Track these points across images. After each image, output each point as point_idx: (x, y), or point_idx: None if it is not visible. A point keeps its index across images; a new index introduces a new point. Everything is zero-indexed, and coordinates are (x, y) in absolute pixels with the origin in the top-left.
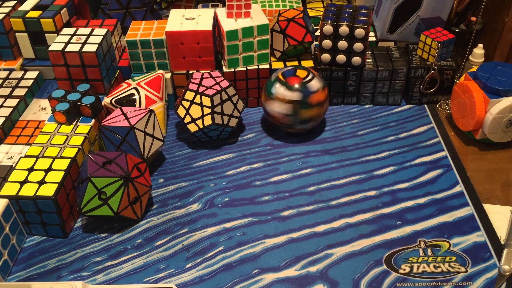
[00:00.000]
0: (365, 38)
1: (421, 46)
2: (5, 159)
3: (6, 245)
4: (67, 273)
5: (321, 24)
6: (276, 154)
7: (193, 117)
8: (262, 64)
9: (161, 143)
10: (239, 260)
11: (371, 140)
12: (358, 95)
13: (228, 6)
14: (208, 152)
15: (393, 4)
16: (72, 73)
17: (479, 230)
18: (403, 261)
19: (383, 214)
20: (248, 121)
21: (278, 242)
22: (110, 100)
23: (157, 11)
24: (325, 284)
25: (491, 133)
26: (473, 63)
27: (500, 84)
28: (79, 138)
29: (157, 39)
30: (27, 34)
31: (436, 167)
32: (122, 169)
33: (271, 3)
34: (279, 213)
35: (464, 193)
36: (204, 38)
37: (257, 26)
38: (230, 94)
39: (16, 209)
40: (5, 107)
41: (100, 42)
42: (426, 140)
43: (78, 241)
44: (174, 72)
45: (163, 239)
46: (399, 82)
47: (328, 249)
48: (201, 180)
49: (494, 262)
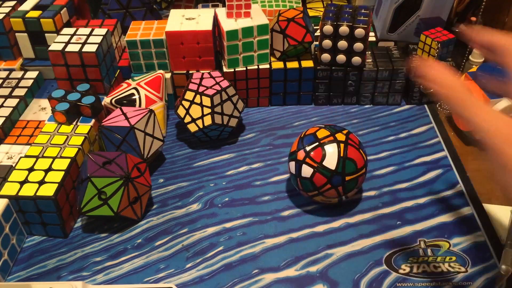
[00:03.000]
0: (365, 38)
1: (421, 46)
2: (5, 159)
3: (6, 245)
4: (67, 273)
5: (321, 24)
6: (276, 154)
7: (193, 117)
8: (262, 64)
9: (161, 143)
10: (239, 260)
11: (371, 140)
12: (358, 95)
13: (228, 6)
14: (208, 152)
15: (393, 4)
16: (72, 73)
17: (479, 230)
18: (403, 261)
19: (383, 214)
20: (248, 121)
21: (278, 242)
22: (110, 100)
23: (157, 11)
24: (325, 284)
25: None
26: (473, 63)
27: None
28: (79, 138)
29: (157, 39)
30: (27, 34)
31: (436, 167)
32: (122, 169)
33: (271, 3)
34: (279, 213)
35: (464, 193)
36: (204, 38)
37: (257, 26)
38: (230, 94)
39: (16, 209)
40: (5, 107)
41: (100, 42)
42: (426, 140)
43: (78, 241)
44: (174, 72)
45: (163, 239)
46: (399, 82)
47: (328, 249)
48: (201, 180)
49: (494, 262)
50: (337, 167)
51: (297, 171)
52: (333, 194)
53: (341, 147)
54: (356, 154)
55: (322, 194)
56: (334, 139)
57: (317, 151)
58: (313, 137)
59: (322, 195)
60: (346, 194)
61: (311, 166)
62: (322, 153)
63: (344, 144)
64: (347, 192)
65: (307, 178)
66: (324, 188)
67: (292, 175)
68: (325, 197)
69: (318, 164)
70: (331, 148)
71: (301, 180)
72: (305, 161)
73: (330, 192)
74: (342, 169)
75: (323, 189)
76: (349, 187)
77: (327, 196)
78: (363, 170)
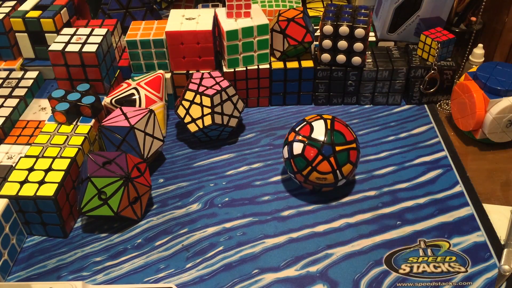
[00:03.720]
0: (365, 38)
1: (421, 46)
2: (5, 159)
3: (6, 245)
4: (67, 273)
5: (321, 24)
6: (276, 154)
7: (193, 117)
8: (262, 64)
9: (161, 143)
10: (239, 260)
11: (371, 140)
12: (358, 95)
13: (228, 6)
14: (208, 152)
15: (393, 4)
16: (72, 73)
17: (479, 230)
18: (403, 261)
19: (383, 214)
20: (248, 121)
21: (278, 242)
22: (110, 100)
23: (157, 11)
24: (325, 284)
25: (491, 133)
26: (473, 63)
27: (500, 84)
28: (79, 138)
29: (157, 39)
30: (27, 34)
31: (436, 167)
32: (122, 169)
33: (271, 3)
34: (279, 213)
35: (464, 193)
36: (204, 38)
37: (257, 26)
38: (230, 94)
39: (16, 209)
40: (5, 107)
41: (100, 42)
42: (426, 140)
43: (78, 241)
44: (174, 72)
45: (163, 239)
46: (399, 82)
47: (328, 249)
48: (201, 180)
49: (494, 262)
50: (325, 138)
51: (290, 153)
52: (327, 168)
53: (328, 122)
54: (343, 128)
55: (315, 169)
56: (320, 117)
57: (305, 127)
58: (302, 121)
59: (316, 170)
60: (341, 169)
61: (301, 141)
62: (310, 128)
63: (331, 121)
64: (341, 166)
65: (299, 155)
66: (316, 161)
67: (286, 161)
68: (319, 173)
69: (307, 138)
70: (318, 123)
71: (294, 160)
72: (295, 139)
73: (323, 165)
74: (331, 140)
75: (315, 162)
76: (342, 160)
77: (321, 171)
78: (354, 145)
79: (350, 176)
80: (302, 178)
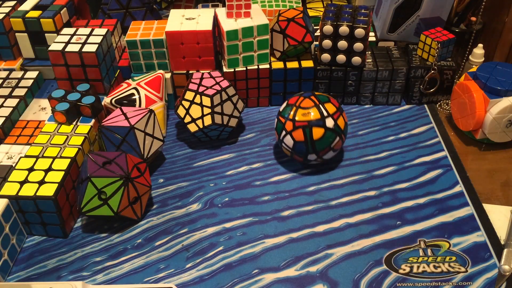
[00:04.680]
0: (365, 38)
1: (421, 46)
2: (5, 159)
3: (6, 245)
4: (67, 273)
5: (321, 24)
6: (276, 154)
7: (193, 117)
8: (262, 64)
9: (161, 143)
10: (239, 260)
11: (371, 140)
12: (358, 95)
13: (228, 6)
14: (208, 152)
15: (393, 4)
16: (72, 73)
17: (479, 230)
18: (403, 261)
19: (383, 214)
20: (248, 121)
21: (278, 242)
22: (110, 100)
23: (157, 11)
24: (325, 284)
25: (491, 133)
26: (473, 63)
27: (500, 84)
28: (79, 138)
29: (157, 39)
30: (27, 34)
31: (436, 167)
32: (122, 169)
33: (271, 3)
34: (279, 213)
35: (464, 193)
36: (204, 38)
37: (257, 26)
38: (230, 94)
39: (16, 209)
40: (5, 107)
41: (100, 42)
42: (426, 140)
43: (78, 241)
44: (174, 72)
45: (163, 239)
46: (399, 82)
47: (328, 249)
48: (201, 180)
49: (494, 262)
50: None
51: (278, 116)
52: (309, 103)
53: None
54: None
55: (299, 107)
56: None
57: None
58: None
59: (300, 107)
60: (323, 105)
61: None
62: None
63: None
64: (323, 103)
65: (284, 108)
66: (299, 101)
67: (277, 124)
68: (303, 109)
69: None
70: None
71: (281, 113)
72: None
73: (305, 102)
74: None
75: (298, 102)
76: (323, 98)
77: (305, 107)
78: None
79: (335, 119)
80: (291, 125)
